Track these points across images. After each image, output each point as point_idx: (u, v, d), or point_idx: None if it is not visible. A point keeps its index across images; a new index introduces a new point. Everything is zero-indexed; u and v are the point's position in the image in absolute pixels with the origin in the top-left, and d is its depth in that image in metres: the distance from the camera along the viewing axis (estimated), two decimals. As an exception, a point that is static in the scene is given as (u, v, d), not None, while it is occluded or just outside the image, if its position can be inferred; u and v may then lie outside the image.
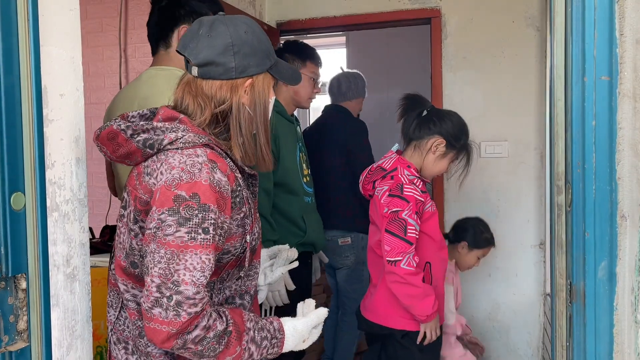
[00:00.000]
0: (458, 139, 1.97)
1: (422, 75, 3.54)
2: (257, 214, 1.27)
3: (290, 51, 2.33)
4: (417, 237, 1.88)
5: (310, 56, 2.37)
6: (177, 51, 1.22)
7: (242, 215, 1.15)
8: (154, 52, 1.78)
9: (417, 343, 1.93)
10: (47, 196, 1.13)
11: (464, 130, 2.00)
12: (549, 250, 1.00)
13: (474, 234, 2.41)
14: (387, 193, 1.92)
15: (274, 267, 1.47)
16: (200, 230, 1.03)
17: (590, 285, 0.91)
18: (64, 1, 1.21)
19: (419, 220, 1.89)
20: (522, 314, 3.09)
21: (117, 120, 1.16)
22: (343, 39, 5.60)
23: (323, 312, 1.21)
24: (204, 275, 1.03)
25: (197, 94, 1.16)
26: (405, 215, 1.85)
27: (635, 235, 0.85)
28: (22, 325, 1.06)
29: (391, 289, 1.90)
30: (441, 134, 1.96)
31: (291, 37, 3.27)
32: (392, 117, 2.14)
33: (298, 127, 2.42)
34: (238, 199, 1.13)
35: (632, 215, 0.88)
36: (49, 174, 1.15)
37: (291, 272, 1.60)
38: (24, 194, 1.06)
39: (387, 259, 1.86)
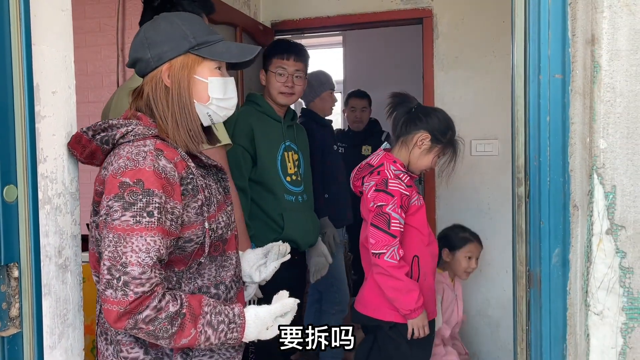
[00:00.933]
0: (444, 134, 2.02)
1: (419, 74, 3.59)
2: (229, 207, 1.30)
3: (265, 51, 2.38)
4: (402, 230, 1.93)
5: (274, 52, 2.36)
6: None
7: (199, 203, 1.18)
8: None
9: (408, 338, 1.98)
10: (39, 189, 1.17)
11: (450, 126, 2.05)
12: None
13: (450, 237, 2.47)
14: (374, 188, 1.98)
15: (268, 263, 1.50)
16: (145, 214, 1.08)
17: (545, 271, 0.96)
18: (57, 2, 1.25)
19: (403, 214, 1.95)
20: (512, 310, 3.13)
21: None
22: (340, 38, 5.65)
23: (289, 301, 1.22)
24: (149, 256, 1.07)
25: (142, 93, 1.24)
26: (389, 209, 1.91)
27: (585, 223, 0.90)
28: (14, 312, 1.10)
29: (377, 281, 1.96)
30: (427, 129, 2.01)
31: (286, 37, 3.32)
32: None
33: (294, 126, 2.45)
34: (190, 187, 1.17)
35: (583, 205, 0.92)
36: (41, 168, 1.19)
37: (278, 271, 1.62)
38: (16, 187, 1.10)
39: (372, 251, 1.92)
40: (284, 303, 1.22)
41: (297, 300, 1.25)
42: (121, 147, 1.17)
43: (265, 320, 1.19)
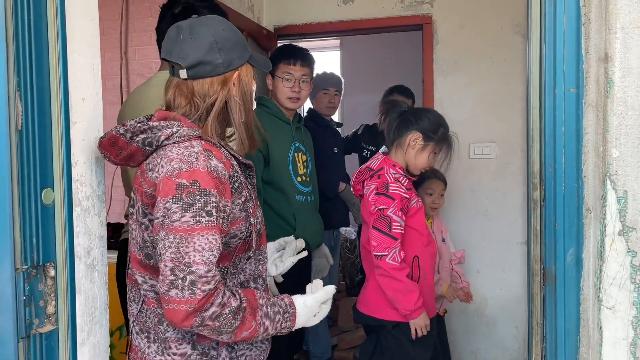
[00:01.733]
0: (434, 131, 2.07)
1: (415, 78, 3.64)
2: (258, 202, 1.35)
3: (271, 56, 2.45)
4: (403, 232, 1.99)
5: (281, 57, 2.41)
6: (162, 58, 1.30)
7: (243, 199, 1.23)
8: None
9: (413, 338, 2.04)
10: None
11: (441, 123, 2.10)
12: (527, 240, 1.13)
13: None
14: (375, 192, 2.02)
15: (284, 258, 1.53)
16: (204, 214, 1.10)
17: (560, 269, 1.04)
18: (86, 12, 1.29)
19: (404, 217, 2.00)
20: (509, 309, 3.20)
21: (116, 127, 1.26)
22: (337, 41, 5.71)
23: (330, 288, 1.29)
24: (212, 254, 1.10)
25: (189, 95, 1.24)
26: (391, 212, 1.96)
27: (598, 225, 0.98)
28: (50, 309, 1.14)
29: (378, 282, 2.02)
30: (418, 129, 2.06)
31: (288, 41, 3.38)
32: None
33: (300, 127, 2.51)
34: (237, 184, 1.22)
35: (596, 208, 1.00)
36: (73, 172, 1.23)
37: (291, 270, 1.67)
38: (53, 190, 1.15)
39: (374, 253, 1.97)
40: (327, 290, 1.28)
41: (335, 287, 1.31)
42: (167, 148, 1.19)
43: (313, 307, 1.25)
